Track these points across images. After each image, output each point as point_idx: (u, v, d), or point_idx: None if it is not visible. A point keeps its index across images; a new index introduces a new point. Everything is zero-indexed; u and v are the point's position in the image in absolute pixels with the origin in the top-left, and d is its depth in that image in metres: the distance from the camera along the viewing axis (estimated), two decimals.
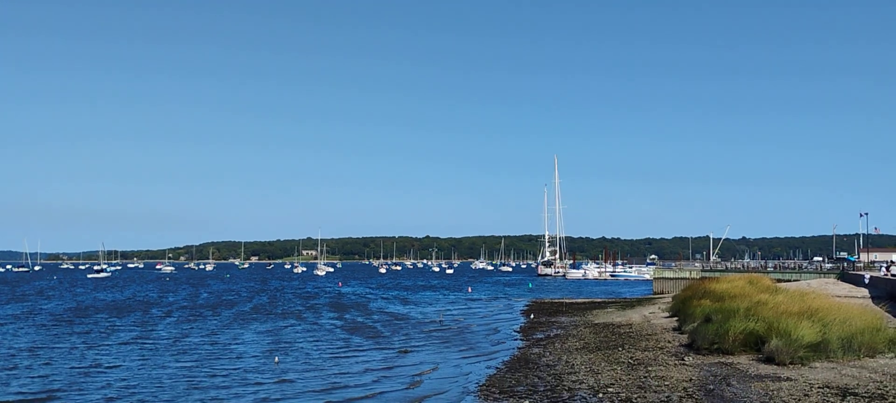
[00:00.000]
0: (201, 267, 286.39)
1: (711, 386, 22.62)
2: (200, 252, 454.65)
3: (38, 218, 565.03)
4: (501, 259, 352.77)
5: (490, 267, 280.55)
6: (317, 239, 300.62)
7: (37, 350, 37.30)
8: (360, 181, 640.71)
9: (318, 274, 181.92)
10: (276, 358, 34.01)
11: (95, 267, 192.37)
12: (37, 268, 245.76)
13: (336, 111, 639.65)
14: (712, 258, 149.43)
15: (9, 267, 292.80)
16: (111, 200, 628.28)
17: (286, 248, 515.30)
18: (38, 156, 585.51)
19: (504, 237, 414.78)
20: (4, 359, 33.99)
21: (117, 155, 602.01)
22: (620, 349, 33.19)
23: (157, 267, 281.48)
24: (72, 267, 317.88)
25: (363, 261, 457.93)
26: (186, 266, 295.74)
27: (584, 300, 76.98)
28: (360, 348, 38.38)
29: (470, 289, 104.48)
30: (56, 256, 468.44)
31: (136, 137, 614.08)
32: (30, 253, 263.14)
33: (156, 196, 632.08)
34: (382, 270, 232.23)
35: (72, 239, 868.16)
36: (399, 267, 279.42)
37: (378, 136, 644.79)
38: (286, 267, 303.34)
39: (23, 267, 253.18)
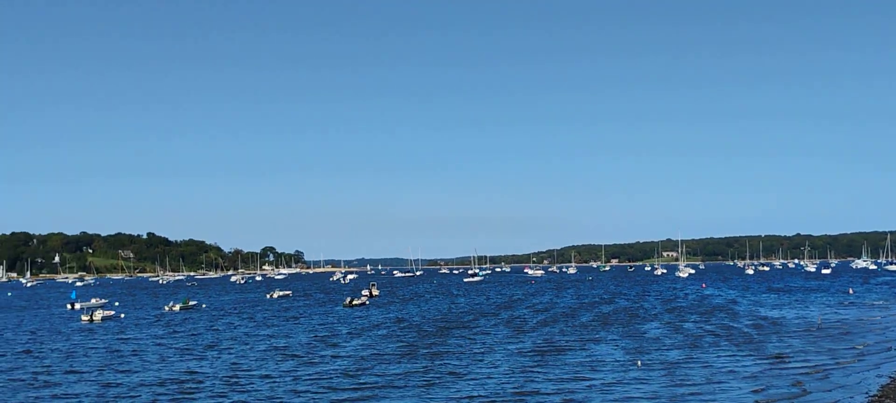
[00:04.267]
0: (564, 270, 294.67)
1: None
2: (562, 255, 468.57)
3: (419, 227, 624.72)
4: (888, 257, 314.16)
5: (873, 267, 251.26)
6: (677, 240, 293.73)
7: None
8: (721, 180, 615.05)
9: (679, 276, 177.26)
10: (639, 361, 33.70)
11: (469, 272, 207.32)
12: (419, 273, 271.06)
13: (699, 111, 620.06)
14: None
15: (395, 272, 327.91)
16: (482, 208, 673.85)
17: (645, 250, 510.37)
18: (417, 172, 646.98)
19: (889, 233, 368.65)
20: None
21: (484, 168, 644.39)
22: None
23: (525, 270, 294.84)
24: (447, 271, 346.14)
25: (727, 262, 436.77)
26: (549, 269, 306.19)
27: None
28: (728, 352, 36.59)
29: (851, 290, 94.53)
30: (434, 262, 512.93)
31: (498, 155, 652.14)
32: (413, 259, 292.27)
33: (521, 203, 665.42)
34: (749, 271, 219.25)
35: (448, 245, 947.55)
36: (767, 268, 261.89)
37: (744, 132, 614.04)
38: (646, 268, 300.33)
39: (408, 271, 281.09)
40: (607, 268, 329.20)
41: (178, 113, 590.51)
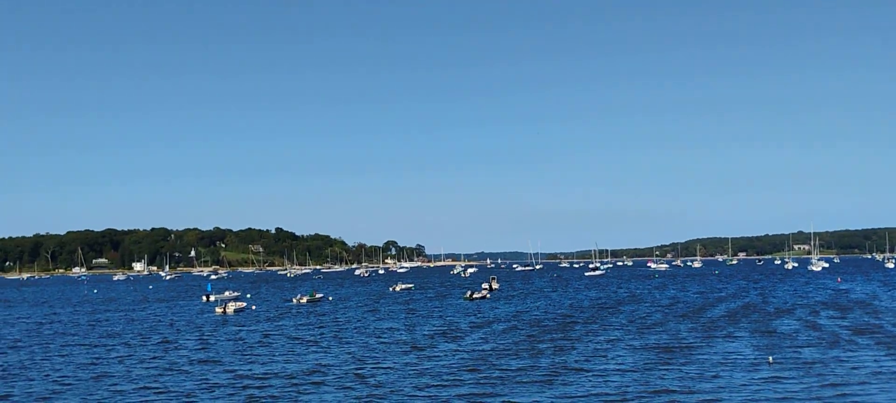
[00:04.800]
0: (688, 264, 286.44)
1: None
2: (686, 249, 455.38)
3: (539, 221, 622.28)
4: None
5: None
6: (808, 233, 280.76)
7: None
8: (858, 168, 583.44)
9: (812, 270, 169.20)
10: (770, 359, 32.41)
11: (590, 266, 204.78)
12: (538, 267, 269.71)
13: (832, 97, 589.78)
14: None
15: (515, 265, 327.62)
16: (603, 202, 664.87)
17: (775, 243, 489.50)
18: (537, 166, 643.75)
19: None
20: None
21: (605, 160, 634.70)
22: None
23: (648, 264, 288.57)
24: (567, 265, 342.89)
25: (864, 255, 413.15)
26: (673, 263, 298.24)
27: None
28: (870, 352, 34.58)
29: None
30: (554, 256, 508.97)
31: (619, 147, 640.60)
32: (532, 253, 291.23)
33: (643, 195, 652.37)
34: (889, 264, 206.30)
35: (568, 239, 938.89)
36: None
37: (881, 120, 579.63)
38: (776, 262, 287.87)
39: (527, 265, 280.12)
40: (734, 262, 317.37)
41: (303, 116, 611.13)
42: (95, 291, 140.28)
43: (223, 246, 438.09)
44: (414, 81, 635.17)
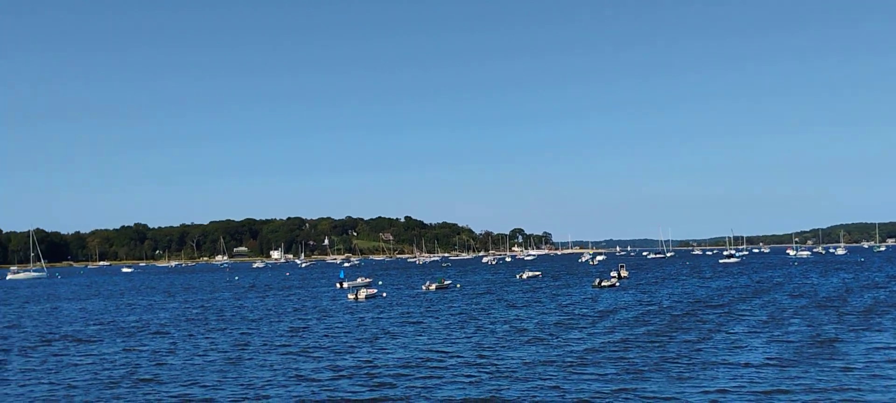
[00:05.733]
0: (831, 251, 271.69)
1: None
2: (828, 235, 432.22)
3: (669, 207, 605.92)
4: None
5: None
6: None
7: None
8: None
9: None
10: None
11: (725, 253, 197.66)
12: (669, 255, 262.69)
13: None
14: None
15: (645, 253, 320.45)
16: (737, 186, 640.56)
17: None
18: (666, 151, 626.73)
19: None
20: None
21: (739, 143, 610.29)
22: None
23: (787, 251, 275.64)
24: (700, 252, 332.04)
25: None
26: (814, 250, 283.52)
27: None
28: None
29: None
30: (686, 243, 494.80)
31: (753, 129, 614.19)
32: (663, 240, 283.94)
33: (781, 179, 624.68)
34: None
35: (700, 226, 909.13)
36: None
37: None
38: None
39: (658, 253, 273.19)
40: (883, 249, 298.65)
41: (431, 108, 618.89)
42: (237, 278, 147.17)
43: (355, 234, 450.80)
44: (541, 69, 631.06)
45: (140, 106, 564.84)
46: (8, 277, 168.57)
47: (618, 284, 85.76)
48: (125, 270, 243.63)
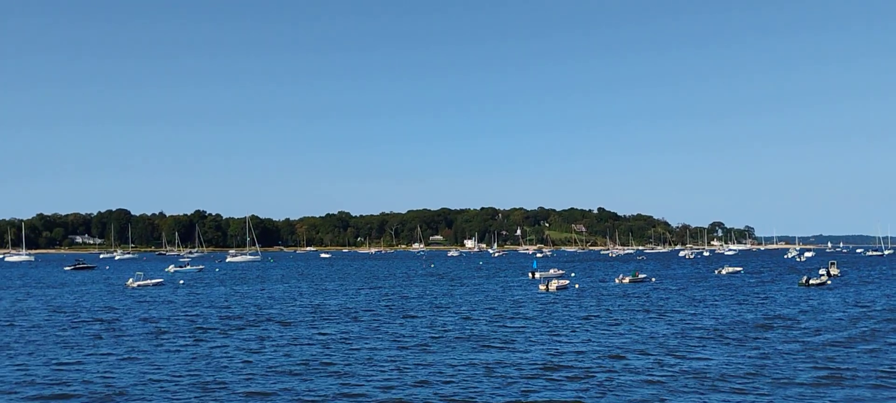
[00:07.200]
0: None
1: None
2: None
3: (890, 200, 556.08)
4: None
5: None
6: None
7: None
8: None
9: None
10: None
11: None
12: (888, 252, 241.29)
13: None
14: None
15: (859, 250, 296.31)
16: None
17: None
18: (884, 137, 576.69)
19: None
20: None
21: None
22: None
23: None
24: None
25: None
26: None
27: None
28: None
29: None
30: None
31: None
32: (881, 237, 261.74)
33: None
34: None
35: None
36: None
37: None
38: None
39: (876, 250, 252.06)
40: None
41: (626, 97, 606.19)
42: (432, 265, 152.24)
43: (547, 225, 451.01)
44: (751, 57, 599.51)
45: (359, 107, 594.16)
46: (227, 259, 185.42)
47: (829, 282, 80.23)
48: (323, 255, 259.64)
